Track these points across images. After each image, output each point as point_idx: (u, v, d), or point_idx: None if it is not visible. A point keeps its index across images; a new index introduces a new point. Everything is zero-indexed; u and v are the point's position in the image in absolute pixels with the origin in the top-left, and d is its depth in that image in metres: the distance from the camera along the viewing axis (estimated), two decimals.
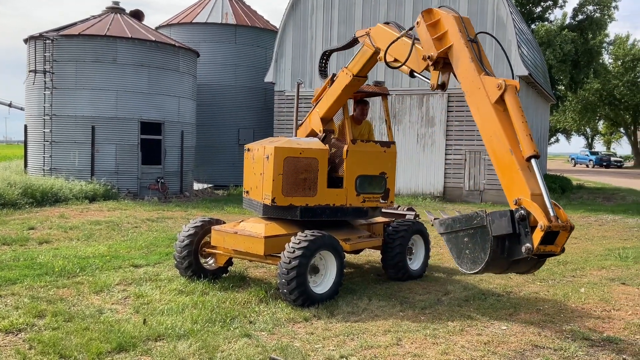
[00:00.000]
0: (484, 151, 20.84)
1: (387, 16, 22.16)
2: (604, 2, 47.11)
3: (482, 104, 4.91)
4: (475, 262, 4.63)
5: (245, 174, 8.06)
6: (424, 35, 5.48)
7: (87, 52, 19.35)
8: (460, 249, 4.78)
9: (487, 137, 4.90)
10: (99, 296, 7.15)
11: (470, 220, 4.66)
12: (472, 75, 4.99)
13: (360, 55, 7.19)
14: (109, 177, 19.28)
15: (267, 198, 7.32)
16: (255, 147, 7.80)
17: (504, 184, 4.75)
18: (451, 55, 5.28)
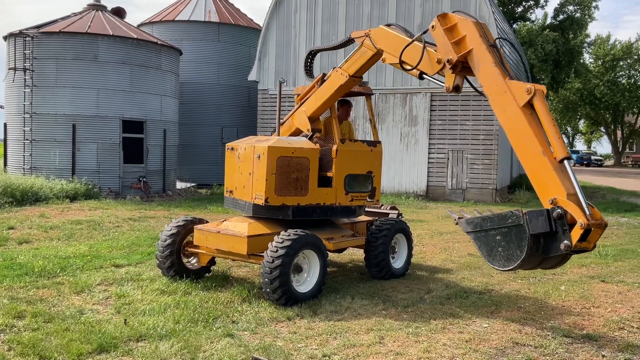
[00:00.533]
0: (467, 150, 21.02)
1: (371, 15, 22.22)
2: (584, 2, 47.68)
3: (509, 107, 5.06)
4: (509, 259, 4.81)
5: (228, 173, 7.97)
6: (442, 39, 5.61)
7: (68, 50, 19.14)
8: (492, 247, 4.96)
9: (515, 138, 5.05)
10: (79, 296, 7.08)
11: (505, 219, 4.84)
12: (497, 79, 5.15)
13: (358, 56, 7.21)
14: (90, 176, 19.09)
15: (258, 198, 7.25)
16: (241, 145, 7.72)
17: (536, 184, 4.92)
18: (471, 59, 5.43)
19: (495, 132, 20.74)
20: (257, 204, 7.31)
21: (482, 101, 20.74)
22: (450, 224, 14.73)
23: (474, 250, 10.98)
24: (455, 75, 5.65)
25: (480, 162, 21.01)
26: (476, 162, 21.05)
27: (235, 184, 7.77)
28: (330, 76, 7.67)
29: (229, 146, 7.95)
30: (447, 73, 5.71)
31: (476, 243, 5.20)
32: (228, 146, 7.98)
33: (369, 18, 22.28)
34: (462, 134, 21.20)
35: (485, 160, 20.95)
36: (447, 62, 5.56)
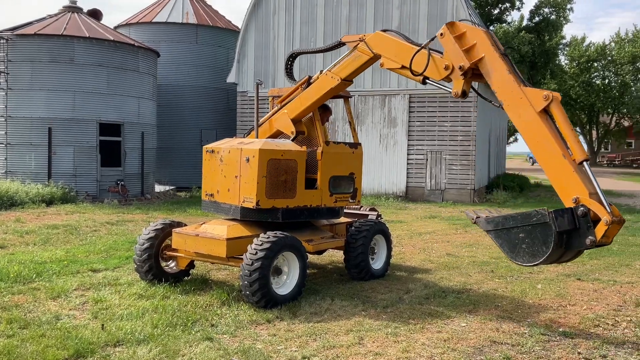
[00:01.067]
0: (445, 151, 21.19)
1: (349, 17, 22.30)
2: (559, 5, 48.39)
3: (526, 112, 5.31)
4: (534, 255, 5.10)
5: (207, 177, 7.88)
6: (452, 47, 5.84)
7: (43, 52, 18.90)
8: (515, 244, 5.24)
9: (533, 141, 5.31)
10: (56, 302, 6.98)
11: (529, 218, 5.09)
12: (512, 86, 5.38)
13: (351, 60, 7.27)
14: (67, 179, 18.85)
15: (248, 201, 7.19)
16: (223, 148, 7.61)
17: (557, 184, 5.20)
18: (483, 66, 5.65)
19: (472, 133, 20.94)
20: (246, 207, 7.25)
21: (460, 103, 20.94)
22: (429, 225, 14.85)
23: (452, 251, 11.09)
24: (464, 81, 5.88)
25: (459, 162, 21.20)
26: (454, 162, 21.23)
27: (217, 187, 7.68)
28: (318, 79, 7.70)
29: (208, 148, 7.87)
30: (456, 79, 5.92)
31: (497, 241, 5.46)
32: (207, 148, 7.89)
33: (347, 20, 22.36)
34: (440, 135, 21.37)
35: (463, 161, 21.14)
36: (459, 69, 5.78)
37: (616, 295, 7.85)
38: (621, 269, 9.57)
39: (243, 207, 7.31)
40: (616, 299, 7.66)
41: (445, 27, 5.91)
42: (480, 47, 5.65)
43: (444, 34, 5.93)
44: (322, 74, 7.70)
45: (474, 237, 12.93)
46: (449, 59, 5.91)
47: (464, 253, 10.86)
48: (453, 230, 13.98)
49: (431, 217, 16.37)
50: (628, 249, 11.45)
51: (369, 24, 22.08)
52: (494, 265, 9.70)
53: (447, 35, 5.88)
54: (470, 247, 11.49)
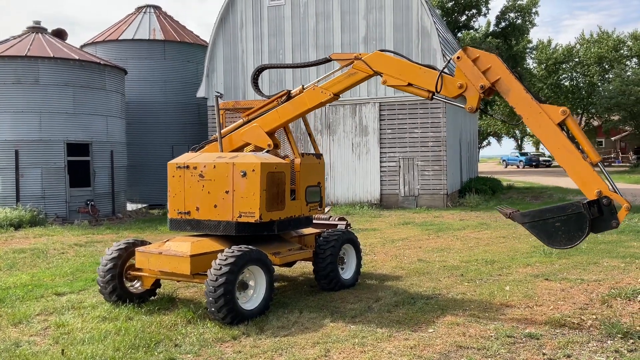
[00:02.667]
0: (417, 157, 21.31)
1: (316, 29, 22.38)
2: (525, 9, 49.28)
3: (546, 125, 6.26)
4: (572, 239, 6.10)
5: (178, 194, 7.56)
6: (471, 69, 6.56)
7: (7, 74, 18.61)
8: (551, 232, 6.16)
9: (554, 148, 6.29)
10: (17, 328, 6.81)
11: (564, 210, 6.11)
12: (531, 103, 6.30)
13: (345, 77, 7.54)
14: (36, 202, 18.53)
15: (248, 215, 7.17)
16: (203, 163, 7.43)
17: (579, 181, 6.17)
18: (499, 86, 6.46)
19: (443, 139, 21.11)
20: (244, 222, 7.21)
21: (429, 108, 21.13)
22: (402, 231, 14.88)
23: (423, 256, 11.11)
24: (479, 98, 6.61)
25: (431, 168, 21.33)
26: (426, 168, 21.35)
27: (197, 204, 7.44)
28: (303, 93, 7.78)
29: (180, 164, 7.61)
30: (471, 96, 6.64)
31: (532, 231, 6.29)
32: (177, 164, 7.62)
33: (314, 31, 22.43)
34: (411, 141, 21.49)
35: (435, 167, 21.27)
36: (480, 88, 6.52)
37: (583, 293, 7.92)
38: (589, 267, 9.67)
39: (239, 223, 7.23)
40: (583, 297, 7.73)
41: (461, 51, 6.62)
42: (496, 69, 6.45)
43: (460, 58, 6.60)
44: (307, 88, 7.81)
45: (445, 241, 12.98)
46: (464, 79, 6.60)
47: (435, 258, 10.88)
48: (425, 235, 14.02)
49: (404, 224, 16.41)
50: (596, 247, 11.58)
51: (336, 34, 22.20)
52: (464, 269, 9.73)
53: (465, 59, 6.56)
54: (441, 252, 11.52)
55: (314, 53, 22.39)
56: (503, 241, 12.84)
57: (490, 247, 12.11)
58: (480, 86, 6.50)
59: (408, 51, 21.32)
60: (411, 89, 7.14)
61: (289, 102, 7.92)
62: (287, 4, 22.77)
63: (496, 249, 11.76)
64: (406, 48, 21.34)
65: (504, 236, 13.57)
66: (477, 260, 10.54)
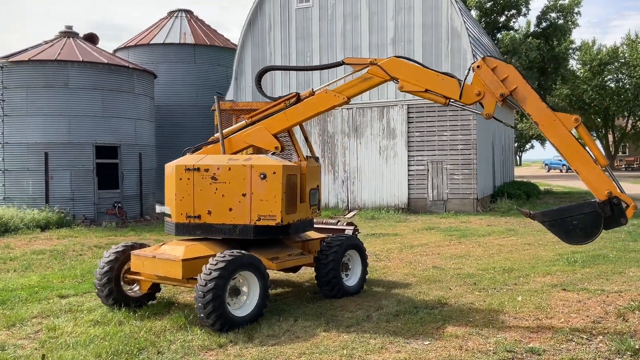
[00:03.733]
0: (446, 161, 20.79)
1: (344, 30, 22.13)
2: (567, 9, 47.79)
3: (560, 131, 6.62)
4: (589, 235, 6.50)
5: (186, 197, 7.28)
6: (490, 77, 6.85)
7: (38, 78, 19.00)
8: (569, 230, 6.54)
9: (568, 153, 6.64)
10: (9, 331, 6.77)
11: (581, 209, 6.50)
12: (546, 111, 6.65)
13: (360, 81, 7.52)
14: (65, 203, 18.84)
15: (269, 219, 7.09)
16: (216, 165, 7.23)
17: (590, 183, 6.56)
18: (516, 94, 6.75)
19: (473, 142, 20.53)
20: (263, 225, 7.10)
21: (459, 111, 20.58)
22: (424, 237, 14.46)
23: (439, 263, 10.70)
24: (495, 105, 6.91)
25: (460, 172, 20.77)
26: (456, 172, 20.80)
27: (208, 207, 7.23)
28: (315, 96, 7.71)
29: (189, 166, 7.35)
30: (488, 103, 6.90)
31: (552, 229, 6.65)
32: (187, 166, 7.35)
33: (342, 33, 22.18)
34: (440, 144, 20.98)
35: (465, 170, 20.70)
36: (499, 96, 6.80)
37: (600, 305, 7.41)
38: (613, 277, 9.10)
39: (258, 226, 7.11)
40: (599, 309, 7.23)
41: (481, 60, 6.90)
42: (513, 79, 6.76)
43: (480, 67, 6.88)
44: (318, 91, 7.74)
45: (466, 248, 12.51)
46: (482, 87, 6.86)
47: (451, 265, 10.46)
48: (447, 241, 13.56)
49: (428, 229, 15.97)
50: (626, 255, 10.95)
51: (364, 35, 21.89)
52: (478, 277, 9.29)
53: (485, 68, 6.85)
54: (459, 259, 11.08)
55: (341, 55, 22.12)
56: (527, 248, 12.29)
57: (512, 254, 11.59)
58: (500, 94, 6.81)
59: (437, 52, 20.86)
60: (428, 95, 7.26)
61: (298, 104, 7.80)
62: (314, 6, 22.60)
63: (518, 257, 11.24)
64: (435, 49, 20.88)
65: (529, 243, 13.00)
66: (495, 268, 10.07)
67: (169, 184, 7.55)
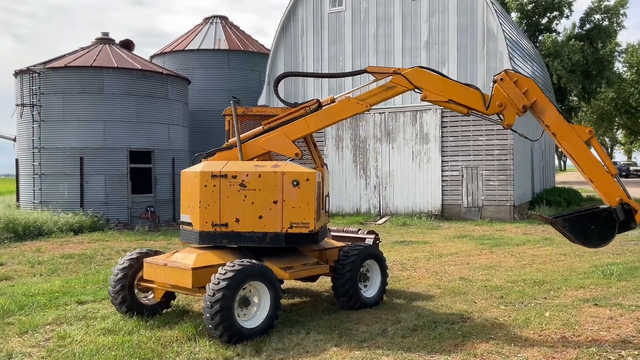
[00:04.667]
0: (481, 166, 20.25)
1: (377, 34, 21.85)
2: (612, 10, 46.25)
3: (576, 142, 7.01)
4: (604, 239, 6.91)
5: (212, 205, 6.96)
6: (514, 90, 7.16)
7: (74, 84, 19.34)
8: (587, 234, 6.89)
9: (582, 161, 6.97)
10: (21, 338, 6.75)
11: (599, 215, 6.89)
12: (563, 123, 7.07)
13: (383, 90, 7.60)
14: (99, 207, 19.10)
15: (302, 226, 7.00)
16: (244, 172, 7.05)
17: (602, 190, 6.93)
18: (536, 106, 7.12)
19: (510, 147, 19.92)
20: (295, 232, 6.98)
21: None
22: (454, 245, 14.04)
23: (467, 274, 10.32)
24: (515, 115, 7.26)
25: (496, 178, 20.18)
26: (491, 178, 20.22)
27: (236, 215, 7.01)
28: (338, 104, 7.68)
29: (215, 172, 7.06)
30: (509, 113, 7.25)
31: (571, 234, 6.97)
32: (212, 172, 7.03)
33: (374, 36, 21.90)
34: (475, 149, 20.44)
35: (500, 176, 20.10)
36: (522, 107, 7.15)
37: (633, 323, 6.94)
38: None
39: (289, 234, 6.98)
40: (631, 327, 6.76)
41: (504, 73, 7.22)
42: (532, 92, 7.13)
43: (504, 79, 7.17)
44: (340, 99, 7.75)
45: (497, 258, 12.06)
46: (503, 98, 7.16)
47: (479, 276, 10.05)
48: (478, 251, 13.11)
49: (460, 237, 15.51)
50: None
51: (397, 38, 21.56)
52: (506, 290, 8.88)
53: (507, 81, 7.15)
54: (488, 270, 10.66)
55: (374, 59, 21.85)
56: (562, 259, 11.76)
57: (545, 265, 11.10)
58: (523, 106, 7.15)
59: (472, 54, 20.37)
60: (450, 105, 7.46)
61: (319, 111, 7.72)
62: (347, 10, 22.40)
63: (551, 268, 10.74)
64: (470, 51, 20.39)
65: (565, 253, 12.45)
66: (525, 280, 9.63)
67: (190, 190, 7.23)
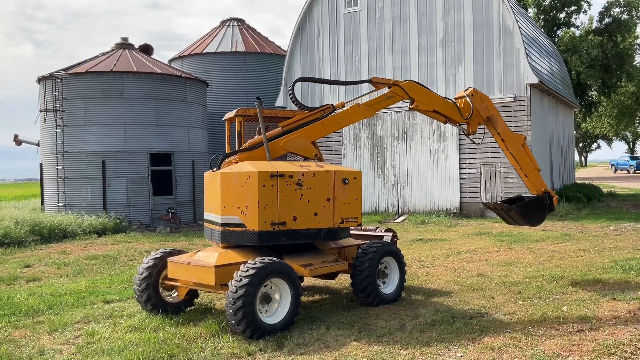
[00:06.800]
0: (500, 164, 20.23)
1: (392, 33, 21.92)
2: (631, 3, 45.72)
3: (516, 145, 9.23)
4: (541, 219, 9.41)
5: (271, 204, 7.06)
6: (480, 104, 9.01)
7: (95, 89, 19.72)
8: (530, 215, 9.24)
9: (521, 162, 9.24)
10: (51, 336, 6.99)
11: (538, 201, 9.27)
12: (509, 131, 9.29)
13: (384, 99, 8.57)
14: (121, 210, 19.46)
15: (351, 220, 7.69)
16: (300, 171, 7.26)
17: (532, 182, 9.28)
18: (492, 117, 9.12)
19: (528, 143, 19.82)
20: (345, 227, 7.70)
21: (513, 111, 20.04)
22: (473, 242, 14.09)
23: (485, 270, 10.38)
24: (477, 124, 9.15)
25: (514, 175, 20.12)
26: (510, 175, 20.18)
27: (294, 213, 7.22)
28: (349, 109, 8.35)
29: (274, 172, 7.12)
30: (474, 123, 9.09)
31: (520, 215, 9.17)
32: (271, 173, 7.10)
33: (390, 35, 21.98)
34: (493, 147, 20.33)
35: None
36: (486, 118, 9.05)
37: None
38: None
39: (340, 228, 7.65)
40: None
41: (473, 90, 9.03)
42: (490, 106, 9.15)
43: (474, 95, 8.98)
44: (349, 104, 8.42)
45: (516, 254, 12.09)
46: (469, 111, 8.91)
47: (497, 272, 10.11)
48: (496, 247, 13.15)
49: (479, 234, 15.54)
50: None
51: (412, 37, 21.62)
52: (524, 286, 8.94)
53: (476, 96, 8.99)
54: (507, 266, 10.71)
55: (390, 58, 21.94)
56: (581, 254, 11.75)
57: (564, 261, 11.11)
58: (487, 117, 9.04)
59: (489, 51, 20.35)
60: (433, 114, 8.83)
61: (333, 115, 8.31)
62: (362, 10, 22.51)
63: (570, 263, 10.76)
64: (487, 48, 20.38)
65: (584, 249, 12.43)
66: (543, 275, 9.67)
67: (239, 191, 7.12)
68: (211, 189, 7.63)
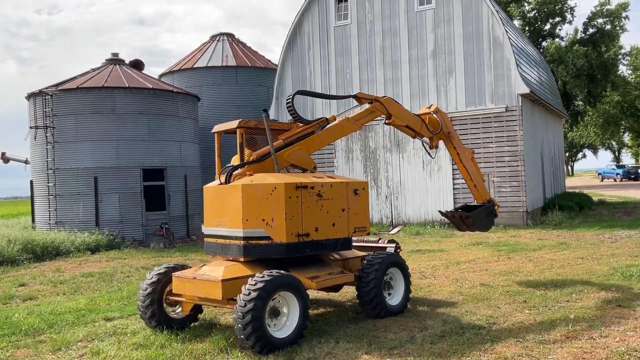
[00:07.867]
0: (492, 173, 20.35)
1: (383, 46, 22.05)
2: (614, 14, 46.44)
3: (469, 160, 10.20)
4: (490, 225, 10.53)
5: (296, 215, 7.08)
6: (445, 119, 9.92)
7: (86, 104, 19.57)
8: (483, 222, 10.26)
9: (473, 173, 10.22)
10: (55, 355, 6.87)
11: (488, 209, 10.29)
12: (462, 146, 10.19)
13: (368, 114, 8.89)
14: (114, 226, 19.26)
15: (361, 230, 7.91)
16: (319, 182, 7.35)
17: (480, 192, 10.36)
18: (451, 133, 9.96)
19: (520, 153, 20.00)
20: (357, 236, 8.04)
21: (505, 122, 20.17)
22: (471, 252, 14.09)
23: (487, 280, 10.38)
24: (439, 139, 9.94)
25: (508, 184, 20.24)
26: (503, 185, 20.29)
27: (315, 224, 7.27)
28: (339, 123, 8.48)
29: (299, 184, 7.15)
30: (437, 137, 9.85)
31: (476, 222, 10.12)
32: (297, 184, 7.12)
33: (381, 48, 22.11)
34: (486, 156, 20.52)
35: (512, 183, 20.17)
36: (447, 133, 9.84)
37: None
38: None
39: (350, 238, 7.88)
40: None
41: (436, 107, 9.99)
42: (449, 122, 10.05)
43: (438, 112, 9.86)
44: (340, 118, 8.57)
45: (516, 263, 12.10)
46: (436, 126, 9.78)
47: (500, 282, 10.11)
48: (495, 257, 13.16)
49: (476, 244, 15.56)
50: None
51: (403, 49, 21.75)
52: (528, 295, 8.94)
53: (440, 113, 9.89)
54: (508, 275, 10.71)
55: (381, 70, 22.05)
56: (580, 263, 11.79)
57: (564, 269, 11.14)
58: (448, 132, 9.89)
59: (480, 62, 20.52)
60: (405, 129, 9.44)
61: (328, 128, 8.40)
62: (353, 23, 22.64)
63: (570, 272, 10.79)
64: (477, 59, 20.54)
65: (582, 257, 12.48)
66: (546, 284, 9.68)
67: (264, 203, 7.04)
68: (220, 202, 7.52)
